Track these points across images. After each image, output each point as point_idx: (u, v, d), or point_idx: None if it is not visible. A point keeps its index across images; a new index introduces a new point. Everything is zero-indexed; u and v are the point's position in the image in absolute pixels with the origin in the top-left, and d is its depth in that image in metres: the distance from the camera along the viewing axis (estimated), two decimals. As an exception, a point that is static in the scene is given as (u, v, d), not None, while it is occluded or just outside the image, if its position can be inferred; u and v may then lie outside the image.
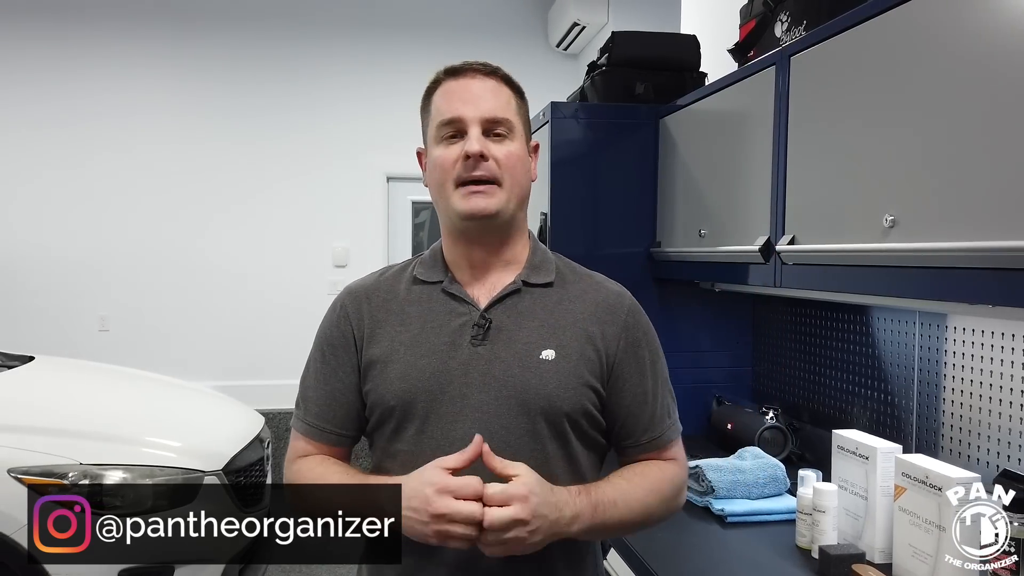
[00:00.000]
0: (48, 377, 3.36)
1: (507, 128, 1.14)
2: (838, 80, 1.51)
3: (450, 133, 1.13)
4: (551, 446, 1.12)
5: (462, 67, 1.16)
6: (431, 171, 1.16)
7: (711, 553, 1.65)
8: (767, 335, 2.46)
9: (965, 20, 1.20)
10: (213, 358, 5.67)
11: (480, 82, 1.15)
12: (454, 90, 1.14)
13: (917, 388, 1.78)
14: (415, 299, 1.18)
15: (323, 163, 5.84)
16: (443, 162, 1.13)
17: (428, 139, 1.18)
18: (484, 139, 1.12)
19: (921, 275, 1.27)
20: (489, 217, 1.13)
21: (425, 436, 1.11)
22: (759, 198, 1.78)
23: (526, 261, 1.21)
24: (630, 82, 2.42)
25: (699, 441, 2.37)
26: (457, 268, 1.19)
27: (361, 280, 1.25)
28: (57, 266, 5.62)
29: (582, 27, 5.48)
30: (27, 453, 2.47)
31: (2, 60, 5.55)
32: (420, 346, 1.14)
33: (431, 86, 1.18)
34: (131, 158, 5.69)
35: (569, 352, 1.14)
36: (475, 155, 1.10)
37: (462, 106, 1.13)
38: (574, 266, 1.26)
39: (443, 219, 1.19)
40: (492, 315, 1.15)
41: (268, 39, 5.78)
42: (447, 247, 1.21)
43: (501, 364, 1.12)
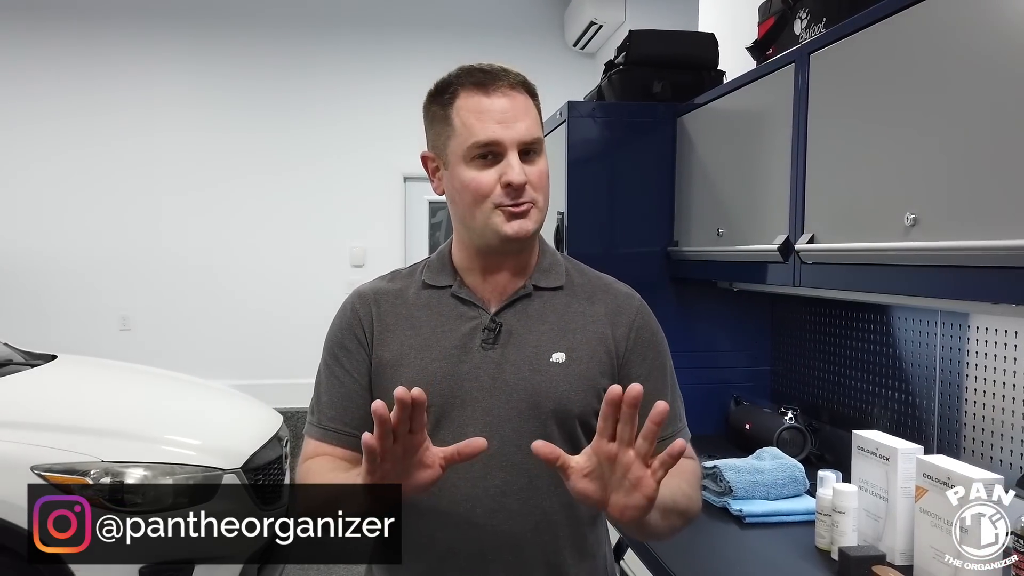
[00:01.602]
0: (70, 375, 3.41)
1: (538, 147, 1.12)
2: (858, 78, 1.50)
3: (482, 154, 1.09)
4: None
5: (490, 80, 1.10)
6: (460, 190, 1.12)
7: (729, 554, 1.64)
8: (786, 335, 2.44)
9: (986, 17, 1.19)
10: (232, 357, 5.72)
11: (511, 100, 1.10)
12: (486, 109, 1.09)
13: (938, 388, 1.76)
14: (424, 303, 1.18)
15: (341, 163, 5.87)
16: (479, 186, 1.09)
17: (450, 152, 1.12)
18: (521, 164, 1.09)
19: (943, 274, 1.26)
20: (530, 238, 1.13)
21: (436, 440, 1.10)
22: (778, 197, 1.77)
23: (535, 265, 1.20)
24: (647, 81, 2.41)
25: (717, 441, 2.36)
26: (466, 272, 1.19)
27: (370, 283, 1.24)
28: (79, 266, 5.70)
29: (599, 26, 5.47)
30: (50, 450, 2.50)
31: (26, 59, 5.62)
32: (431, 350, 1.14)
33: (448, 95, 1.12)
34: (152, 160, 5.75)
35: (580, 355, 1.14)
36: (519, 186, 1.08)
37: (499, 129, 1.08)
38: (583, 268, 1.26)
39: (469, 234, 1.15)
40: (502, 319, 1.15)
41: (285, 40, 5.82)
42: (460, 253, 1.20)
43: (512, 367, 1.12)
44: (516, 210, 1.09)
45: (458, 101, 1.11)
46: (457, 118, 1.10)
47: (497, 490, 1.10)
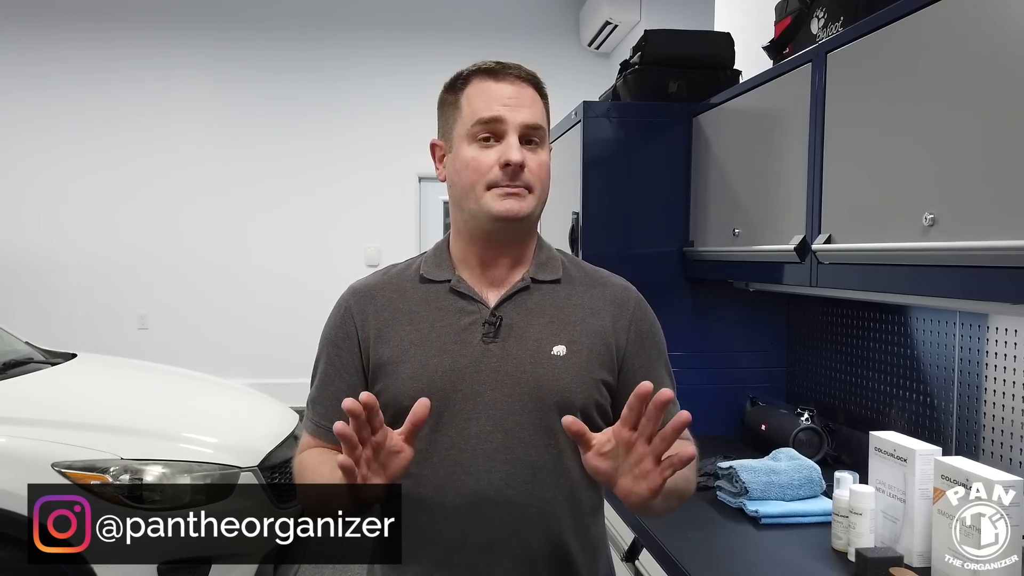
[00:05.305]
0: (90, 374, 3.44)
1: (540, 137, 1.15)
2: (876, 77, 1.49)
3: (485, 134, 1.12)
4: (564, 441, 1.13)
5: (500, 68, 1.15)
6: (460, 170, 1.15)
7: (745, 555, 1.64)
8: (802, 335, 2.43)
9: (1004, 15, 1.18)
10: (249, 356, 5.76)
11: (519, 88, 1.14)
12: (493, 91, 1.13)
13: (957, 389, 1.75)
14: (422, 298, 1.18)
15: (356, 164, 5.90)
16: (478, 165, 1.12)
17: (455, 136, 1.16)
18: (521, 147, 1.12)
19: (961, 274, 1.25)
20: (520, 220, 1.13)
21: (439, 435, 1.12)
22: (794, 197, 1.76)
23: (532, 258, 1.21)
24: (663, 80, 2.40)
25: (732, 442, 2.35)
26: (464, 266, 1.19)
27: (365, 279, 1.25)
28: (98, 266, 5.76)
29: (614, 26, 5.46)
30: (70, 448, 2.53)
31: (44, 62, 5.70)
32: (431, 345, 1.14)
33: (460, 82, 1.16)
34: (171, 164, 5.81)
35: (580, 348, 1.15)
36: (517, 165, 1.10)
37: (502, 109, 1.12)
38: (579, 262, 1.27)
39: (464, 217, 1.18)
40: (502, 312, 1.16)
41: (302, 41, 5.86)
42: (457, 245, 1.21)
43: (513, 361, 1.13)
44: (510, 190, 1.11)
45: (468, 88, 1.16)
46: (465, 101, 1.15)
47: (502, 483, 1.11)
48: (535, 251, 1.22)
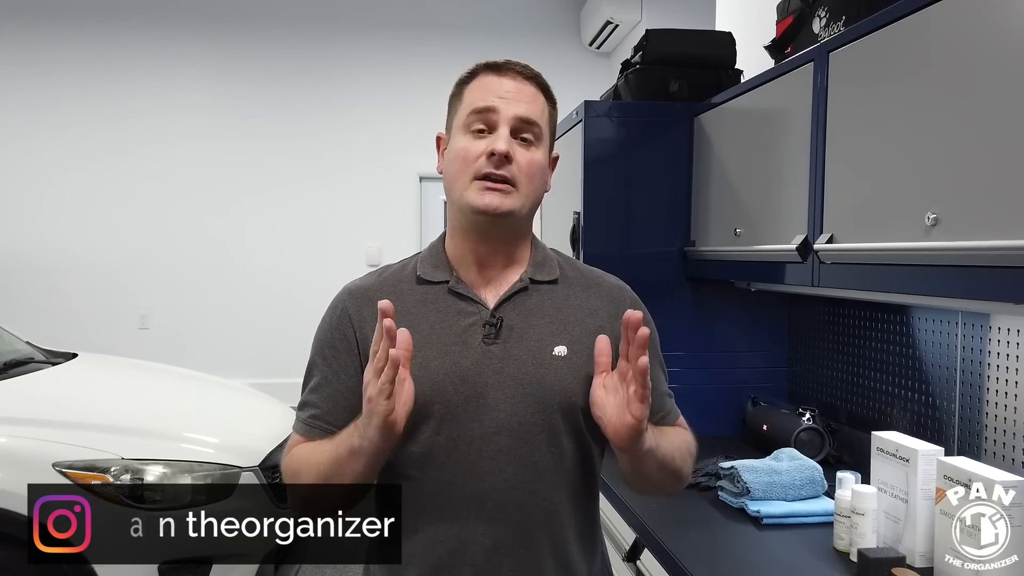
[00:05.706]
0: (91, 374, 3.45)
1: (535, 134, 1.14)
2: (878, 76, 1.49)
3: (479, 125, 1.12)
4: (566, 440, 1.13)
5: (504, 64, 1.15)
6: (451, 160, 1.15)
7: (747, 555, 1.64)
8: (804, 335, 2.43)
9: (1007, 14, 1.17)
10: (249, 356, 5.76)
11: (519, 83, 1.14)
12: (492, 84, 1.14)
13: (959, 389, 1.74)
14: (420, 299, 1.17)
15: (356, 163, 5.90)
16: (466, 154, 1.12)
17: (453, 127, 1.17)
18: (511, 140, 1.11)
19: (964, 274, 1.25)
20: (500, 216, 1.12)
21: (441, 437, 1.11)
22: (796, 196, 1.76)
23: (529, 259, 1.21)
24: (664, 80, 2.40)
25: (734, 442, 2.35)
26: (461, 266, 1.19)
27: (360, 281, 1.23)
28: (99, 266, 5.76)
29: (615, 25, 5.46)
30: (71, 448, 2.52)
31: (44, 62, 5.70)
32: (431, 347, 1.13)
33: (467, 76, 1.17)
34: (172, 163, 5.81)
35: (580, 348, 1.14)
36: (501, 154, 1.10)
37: (498, 100, 1.12)
38: (573, 262, 1.27)
39: (452, 211, 1.18)
40: (502, 313, 1.15)
41: (302, 41, 5.86)
42: (452, 243, 1.20)
43: (515, 362, 1.12)
44: (492, 185, 1.11)
45: (473, 81, 1.17)
46: (467, 93, 1.16)
47: (506, 484, 1.10)
48: (531, 251, 1.22)
